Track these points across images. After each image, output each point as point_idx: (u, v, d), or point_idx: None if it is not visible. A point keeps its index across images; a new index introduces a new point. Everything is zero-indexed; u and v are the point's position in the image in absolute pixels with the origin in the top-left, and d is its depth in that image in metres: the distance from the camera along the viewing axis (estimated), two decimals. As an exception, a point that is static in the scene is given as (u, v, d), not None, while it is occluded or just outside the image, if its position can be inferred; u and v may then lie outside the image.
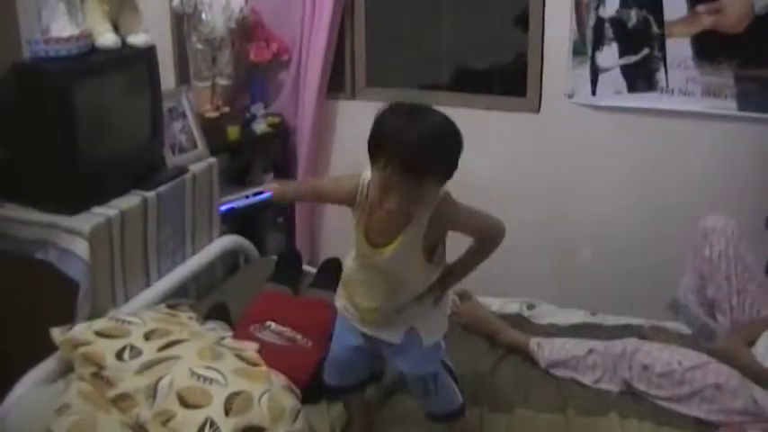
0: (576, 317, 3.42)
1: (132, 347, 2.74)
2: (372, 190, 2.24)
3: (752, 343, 2.95)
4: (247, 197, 4.23)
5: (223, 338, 2.99)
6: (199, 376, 2.57)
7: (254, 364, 2.75)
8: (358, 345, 2.59)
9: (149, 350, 2.73)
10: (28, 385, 2.82)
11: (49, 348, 2.91)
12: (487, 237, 2.44)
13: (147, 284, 3.43)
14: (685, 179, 3.78)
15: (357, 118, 4.23)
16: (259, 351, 2.88)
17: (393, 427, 2.80)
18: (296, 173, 4.32)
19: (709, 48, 3.67)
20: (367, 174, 2.28)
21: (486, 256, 2.47)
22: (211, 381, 2.56)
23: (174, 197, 3.53)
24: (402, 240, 2.30)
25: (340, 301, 2.62)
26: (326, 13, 4.07)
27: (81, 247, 3.06)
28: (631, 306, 3.50)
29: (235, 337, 3.06)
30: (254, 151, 4.40)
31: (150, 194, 3.37)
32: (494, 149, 3.98)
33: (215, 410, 2.47)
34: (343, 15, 4.17)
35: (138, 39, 3.39)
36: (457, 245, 2.45)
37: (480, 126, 3.96)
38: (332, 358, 2.71)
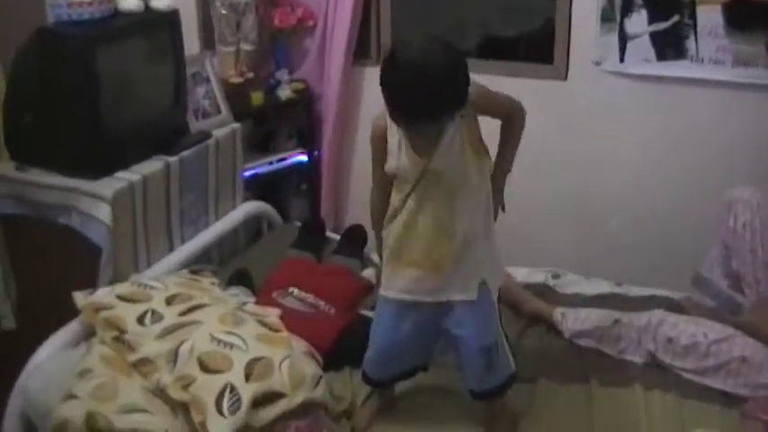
0: (602, 287, 3.40)
1: (154, 312, 2.75)
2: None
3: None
4: (271, 163, 4.21)
5: (245, 304, 2.99)
6: (219, 341, 2.57)
7: (276, 330, 2.75)
8: (411, 330, 2.54)
9: (171, 315, 2.74)
10: (50, 349, 2.84)
11: (71, 314, 2.92)
12: (514, 108, 2.52)
13: (170, 250, 3.43)
14: (714, 149, 3.72)
15: (374, 84, 4.22)
16: (281, 317, 2.89)
17: (419, 397, 2.79)
18: (320, 139, 4.29)
19: (740, 16, 3.59)
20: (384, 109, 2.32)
21: (520, 134, 2.55)
22: (232, 346, 2.56)
23: (197, 162, 3.52)
24: (449, 135, 2.29)
25: (391, 278, 2.53)
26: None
27: (103, 212, 3.06)
28: (657, 278, 3.46)
29: (257, 303, 3.06)
30: (279, 118, 4.37)
31: (173, 159, 3.37)
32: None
33: (235, 376, 2.48)
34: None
35: (161, 3, 3.37)
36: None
37: (507, 93, 3.92)
38: (376, 352, 2.63)
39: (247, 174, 4.01)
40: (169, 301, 2.81)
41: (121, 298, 2.82)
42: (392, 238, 2.48)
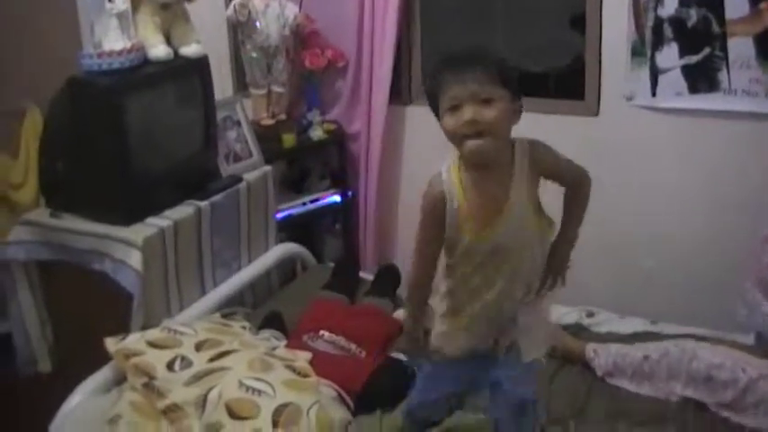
0: (636, 325, 3.35)
1: (183, 358, 2.76)
2: (446, 128, 2.19)
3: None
4: (304, 204, 4.23)
5: (275, 348, 2.99)
6: (248, 387, 2.57)
7: (305, 375, 2.75)
8: (457, 388, 2.53)
9: (200, 361, 2.75)
10: (83, 395, 2.87)
11: (104, 358, 2.94)
12: (582, 175, 2.42)
13: (203, 293, 3.45)
14: (749, 183, 3.66)
15: (415, 123, 4.24)
16: (312, 361, 2.88)
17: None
18: (354, 179, 4.31)
19: (773, 46, 3.56)
20: (439, 172, 2.26)
21: (586, 203, 2.45)
22: (260, 392, 2.56)
23: (229, 206, 3.54)
24: (511, 205, 2.21)
25: (448, 337, 2.44)
26: (390, 20, 4.03)
27: (134, 258, 3.09)
28: (693, 315, 3.41)
29: (288, 346, 3.06)
30: (311, 158, 4.40)
31: (204, 204, 3.39)
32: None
33: (263, 422, 2.48)
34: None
35: (190, 50, 3.41)
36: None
37: (538, 130, 3.86)
38: (423, 403, 2.58)
39: (281, 215, 4.03)
40: (199, 346, 2.82)
41: (151, 344, 2.83)
42: (451, 300, 2.40)
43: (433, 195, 2.25)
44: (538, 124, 3.42)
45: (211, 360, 2.75)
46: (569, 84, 3.92)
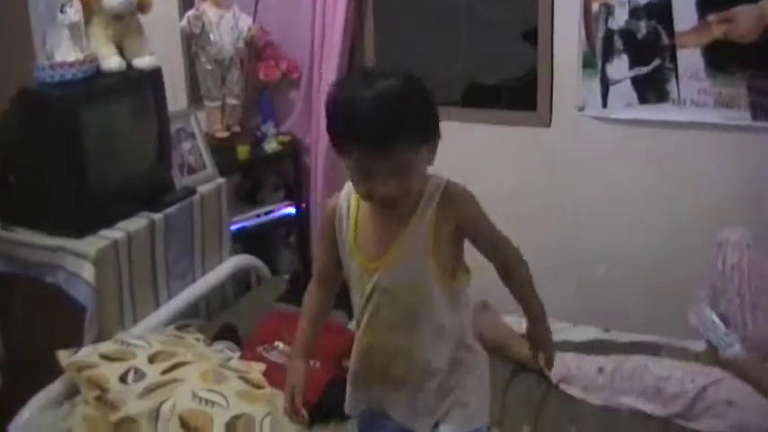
0: (589, 333, 3.38)
1: (136, 370, 2.75)
2: (354, 186, 1.94)
3: (766, 359, 2.91)
4: (258, 216, 4.22)
5: (229, 360, 2.98)
6: (201, 399, 2.58)
7: (259, 387, 2.75)
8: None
9: (153, 373, 2.74)
10: (35, 408, 2.84)
11: (56, 372, 2.92)
12: (511, 254, 2.09)
13: (157, 306, 3.43)
14: (700, 191, 3.72)
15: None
16: (266, 372, 2.88)
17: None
18: (308, 191, 4.31)
19: (721, 58, 3.61)
20: (344, 191, 2.07)
21: (528, 284, 2.12)
22: (213, 403, 2.56)
23: (183, 218, 3.53)
24: (403, 241, 1.95)
25: (354, 395, 2.24)
26: (338, 30, 4.04)
27: (87, 271, 3.07)
28: (647, 323, 3.45)
29: (242, 357, 3.06)
30: (265, 170, 4.40)
31: (158, 216, 3.38)
32: (505, 164, 3.95)
33: (217, 433, 2.47)
34: (353, 32, 4.15)
35: (143, 61, 3.41)
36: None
37: (491, 141, 3.95)
38: None
39: (235, 227, 4.02)
40: (152, 359, 2.81)
41: (104, 356, 2.82)
42: (352, 360, 2.21)
43: (329, 208, 2.10)
44: (491, 135, 3.49)
45: (165, 372, 2.74)
46: (522, 95, 3.96)
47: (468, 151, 3.82)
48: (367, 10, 4.18)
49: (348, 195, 2.05)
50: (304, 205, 4.34)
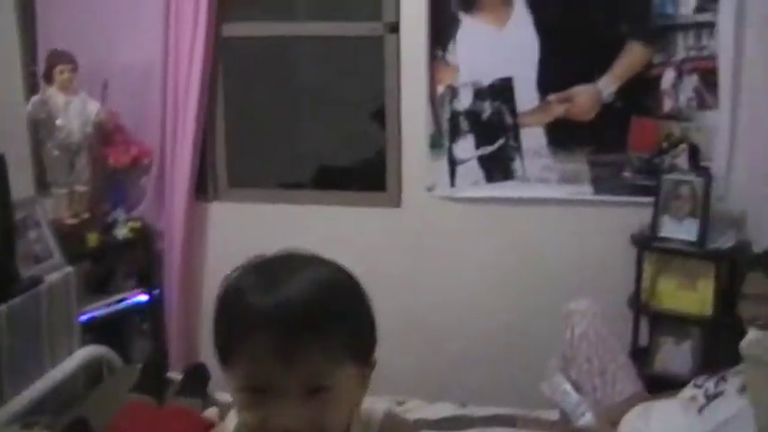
0: (446, 410, 3.39)
1: (-21, 473, 2.61)
2: (241, 417, 1.32)
3: (615, 423, 2.98)
4: (109, 305, 4.12)
5: (80, 456, 2.87)
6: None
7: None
8: None
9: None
10: None
11: None
12: None
13: (1, 402, 3.28)
14: (548, 265, 3.85)
15: (220, 220, 4.22)
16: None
17: None
18: (161, 278, 4.24)
19: (562, 135, 3.79)
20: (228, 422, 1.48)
21: None
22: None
23: (29, 309, 3.40)
24: None
25: None
26: (191, 113, 4.05)
27: (-76, 368, 2.92)
28: (502, 395, 3.50)
29: (95, 452, 2.95)
30: (117, 257, 4.30)
31: (1, 307, 3.25)
32: (357, 245, 3.98)
33: None
34: (205, 115, 4.15)
35: (-16, 149, 3.31)
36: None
37: (342, 223, 3.99)
38: None
39: (85, 317, 3.90)
40: (-5, 459, 2.68)
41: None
42: None
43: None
44: (342, 217, 3.52)
45: (9, 472, 2.62)
46: (372, 176, 4.03)
47: (319, 233, 3.84)
48: (218, 93, 4.19)
49: None
50: (157, 292, 4.26)
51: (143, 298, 4.24)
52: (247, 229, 4.11)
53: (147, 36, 4.11)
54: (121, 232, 4.13)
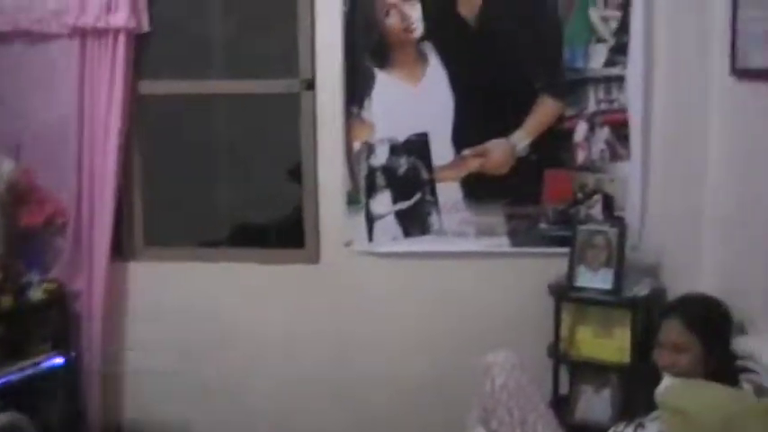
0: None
1: None
2: None
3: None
4: (24, 369, 4.02)
5: None
6: None
7: None
8: None
9: None
10: None
11: None
12: None
13: None
14: (468, 318, 3.87)
15: (138, 280, 4.16)
16: None
17: None
18: (78, 341, 4.15)
19: (478, 189, 3.83)
20: None
21: None
22: None
23: (-63, 379, 3.32)
24: None
25: None
26: (108, 171, 4.01)
27: None
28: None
29: None
30: (31, 320, 4.20)
31: None
32: (276, 303, 3.98)
33: None
34: (122, 173, 4.10)
35: None
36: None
37: (261, 280, 3.97)
38: None
39: (-1, 383, 3.81)
40: None
41: None
42: None
43: None
44: (260, 275, 3.51)
45: None
46: (291, 233, 4.02)
47: (239, 292, 3.84)
48: (135, 151, 4.16)
49: None
50: (74, 355, 4.17)
51: (59, 361, 4.14)
52: (166, 289, 4.06)
53: (63, 93, 4.07)
54: (36, 294, 4.04)
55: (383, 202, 3.85)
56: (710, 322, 2.71)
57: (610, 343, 3.54)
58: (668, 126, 3.66)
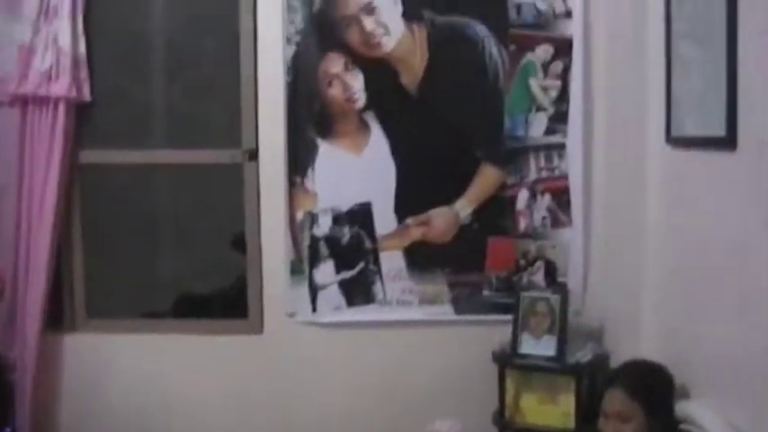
0: None
1: None
2: None
3: None
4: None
5: None
6: None
7: None
8: None
9: None
10: None
11: None
12: None
13: None
14: (412, 386, 3.86)
15: (77, 352, 4.07)
16: None
17: None
18: (13, 412, 4.04)
19: (421, 258, 3.85)
20: None
21: None
22: None
23: None
24: None
25: None
26: (44, 240, 3.93)
27: None
28: None
29: None
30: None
31: None
32: (219, 374, 3.93)
33: None
34: (59, 243, 4.05)
35: None
36: None
37: (204, 351, 3.92)
38: None
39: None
40: None
41: None
42: None
43: None
44: (203, 346, 3.48)
45: None
46: (234, 303, 3.99)
47: (181, 363, 3.78)
48: (75, 220, 4.10)
49: None
50: (9, 430, 4.06)
51: (-3, 435, 4.04)
52: (106, 362, 3.99)
53: (2, 162, 4.02)
54: (-27, 365, 3.95)
55: (326, 272, 3.85)
56: (653, 390, 2.72)
57: (554, 409, 3.54)
58: (608, 192, 3.72)
